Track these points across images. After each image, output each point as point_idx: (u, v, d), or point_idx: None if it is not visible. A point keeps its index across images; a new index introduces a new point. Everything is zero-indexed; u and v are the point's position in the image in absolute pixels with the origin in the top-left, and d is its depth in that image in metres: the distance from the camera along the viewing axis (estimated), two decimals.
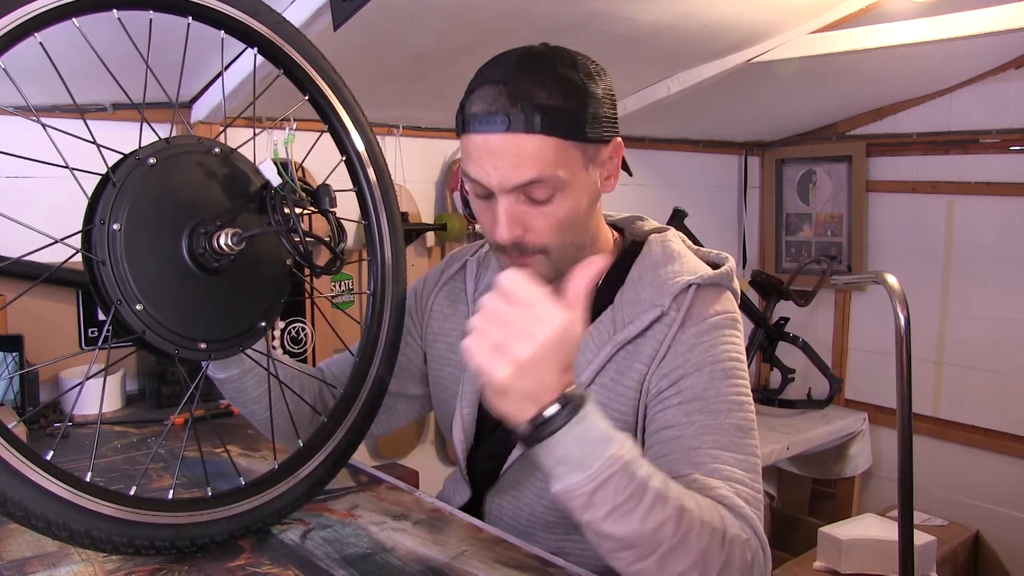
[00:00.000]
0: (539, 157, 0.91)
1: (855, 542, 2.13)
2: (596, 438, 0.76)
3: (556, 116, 0.91)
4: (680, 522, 0.78)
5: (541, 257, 0.98)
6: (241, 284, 0.96)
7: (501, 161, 0.91)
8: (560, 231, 0.97)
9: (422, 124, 2.35)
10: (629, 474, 0.76)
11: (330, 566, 0.93)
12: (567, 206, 0.95)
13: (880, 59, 2.31)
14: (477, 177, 0.94)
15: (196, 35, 0.93)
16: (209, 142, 0.96)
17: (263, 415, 1.08)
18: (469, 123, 0.93)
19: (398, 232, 1.14)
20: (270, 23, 1.00)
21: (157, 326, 0.87)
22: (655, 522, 0.77)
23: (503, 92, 0.91)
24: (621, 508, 0.76)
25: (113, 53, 0.95)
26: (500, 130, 0.90)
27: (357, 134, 1.10)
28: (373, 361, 1.10)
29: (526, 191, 0.93)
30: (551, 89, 0.91)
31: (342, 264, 1.04)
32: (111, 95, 1.79)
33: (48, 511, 0.77)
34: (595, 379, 1.02)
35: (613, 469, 0.75)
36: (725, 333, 0.99)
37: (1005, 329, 2.78)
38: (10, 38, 0.77)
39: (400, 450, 2.40)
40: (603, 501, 0.76)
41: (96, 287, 0.85)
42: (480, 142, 0.92)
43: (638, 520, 0.76)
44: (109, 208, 0.84)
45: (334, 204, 1.02)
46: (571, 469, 0.76)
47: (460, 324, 1.18)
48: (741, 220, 3.41)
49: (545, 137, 0.91)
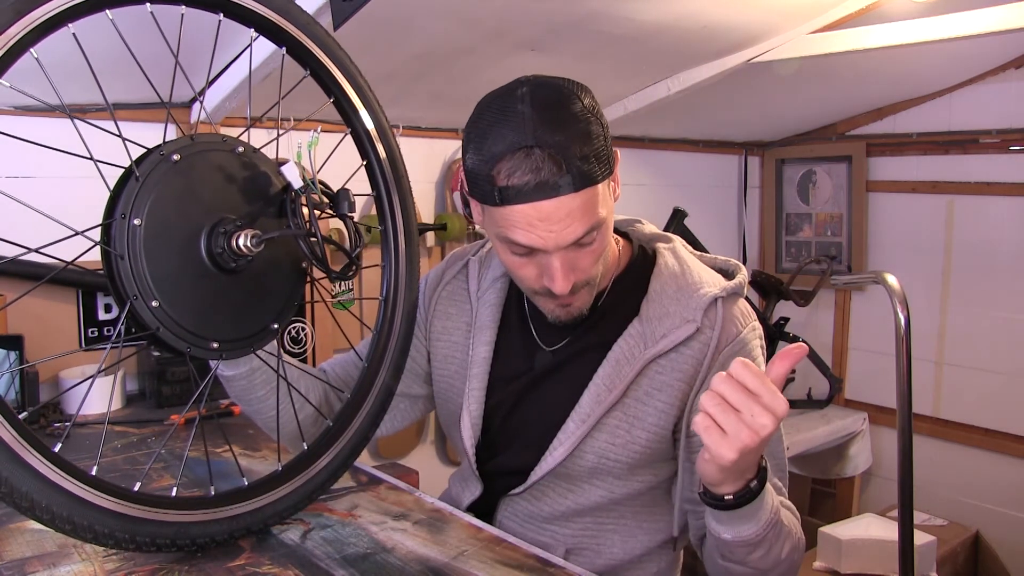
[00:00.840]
0: (588, 210, 0.93)
1: (855, 542, 2.13)
2: (766, 496, 0.92)
3: (592, 167, 0.92)
4: (787, 541, 0.97)
5: (585, 290, 1.02)
6: (256, 285, 0.96)
7: (554, 224, 0.92)
8: (600, 262, 1.01)
9: (422, 124, 2.35)
10: (776, 513, 0.94)
11: (330, 566, 0.93)
12: (606, 238, 0.99)
13: (880, 59, 2.31)
14: (529, 243, 0.94)
15: (206, 33, 0.92)
16: (233, 141, 0.95)
17: (268, 414, 1.09)
18: (512, 196, 0.91)
19: (414, 239, 1.14)
20: (300, 24, 1.00)
21: (172, 323, 0.87)
22: (787, 550, 0.97)
23: (543, 158, 0.89)
24: (774, 546, 0.95)
25: (115, 53, 0.94)
26: (550, 196, 0.90)
27: (379, 139, 1.09)
28: (382, 367, 1.09)
29: (578, 241, 0.95)
30: (581, 140, 0.91)
31: (358, 269, 1.04)
32: (111, 95, 1.78)
33: (54, 503, 0.77)
34: (627, 392, 1.05)
35: (773, 517, 0.93)
36: (754, 344, 1.08)
37: (1005, 329, 2.78)
38: (45, 27, 0.76)
39: (400, 450, 2.40)
40: (764, 543, 0.93)
41: (113, 281, 0.85)
42: (529, 211, 0.91)
43: (779, 551, 0.96)
44: (131, 202, 0.84)
45: (352, 209, 1.02)
46: (746, 522, 0.92)
47: (463, 323, 1.19)
48: (741, 220, 3.41)
49: (593, 188, 0.92)
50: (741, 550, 0.95)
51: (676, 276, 1.08)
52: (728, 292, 1.06)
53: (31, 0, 0.75)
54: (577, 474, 1.08)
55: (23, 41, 0.75)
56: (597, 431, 1.05)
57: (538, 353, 1.12)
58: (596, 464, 1.06)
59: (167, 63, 0.96)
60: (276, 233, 0.93)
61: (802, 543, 1.03)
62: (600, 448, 1.05)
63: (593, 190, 0.92)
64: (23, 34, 0.74)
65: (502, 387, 1.13)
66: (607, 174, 0.95)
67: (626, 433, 1.05)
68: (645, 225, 1.19)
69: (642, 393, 1.04)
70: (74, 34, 0.78)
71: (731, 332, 1.05)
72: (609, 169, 0.95)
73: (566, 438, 1.05)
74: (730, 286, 1.07)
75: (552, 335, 1.11)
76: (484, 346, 1.14)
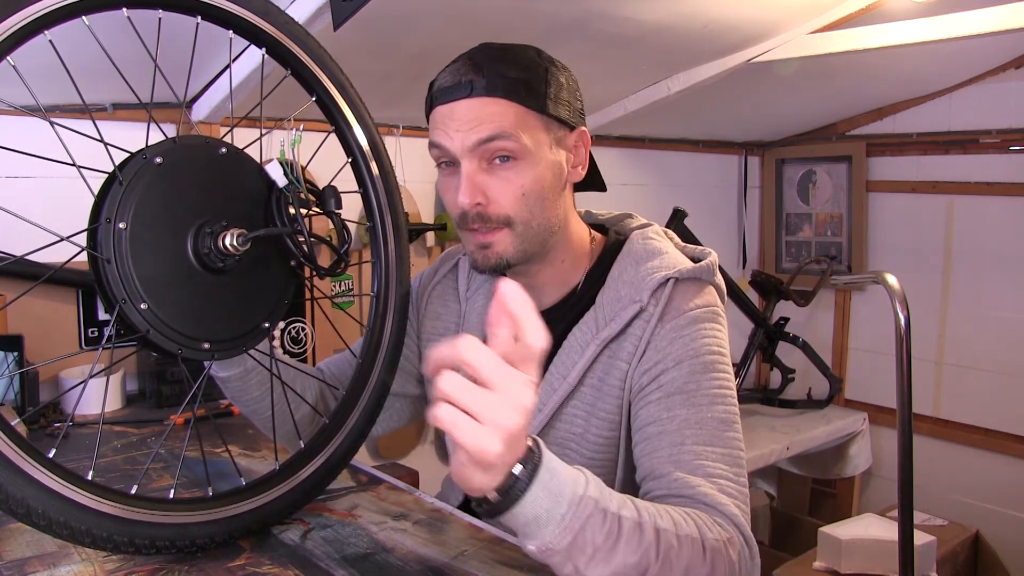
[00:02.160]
0: (500, 118, 0.95)
1: (855, 542, 2.13)
2: (560, 485, 0.70)
3: (518, 84, 0.95)
4: (659, 545, 0.75)
5: (506, 232, 0.99)
6: (245, 284, 0.96)
7: (463, 124, 0.95)
8: (523, 203, 0.98)
9: (422, 124, 2.35)
10: (602, 511, 0.72)
11: (330, 566, 0.93)
12: (530, 176, 0.97)
13: (880, 59, 2.31)
14: (440, 142, 0.98)
15: (194, 35, 0.93)
16: (216, 142, 0.96)
17: (265, 414, 1.08)
18: (436, 97, 0.98)
19: (402, 233, 1.14)
20: (279, 24, 1.00)
21: (161, 325, 0.87)
22: (637, 554, 0.73)
23: (467, 63, 0.97)
24: (603, 550, 0.71)
25: (112, 53, 0.94)
26: (464, 96, 0.95)
27: (363, 135, 1.10)
28: (376, 362, 1.09)
29: (486, 151, 0.96)
30: (514, 63, 0.96)
31: (346, 266, 1.04)
32: (111, 95, 1.79)
33: (50, 509, 0.77)
34: (582, 380, 1.02)
35: (587, 512, 0.70)
36: (706, 327, 0.98)
37: (1005, 329, 2.78)
38: (21, 35, 0.77)
39: (400, 450, 2.40)
40: (582, 549, 0.70)
41: (101, 285, 0.85)
42: (445, 111, 0.97)
43: (621, 556, 0.72)
44: (115, 207, 0.84)
45: (340, 206, 1.02)
46: (543, 525, 0.69)
47: (453, 323, 1.18)
48: (741, 220, 3.41)
49: (507, 102, 0.95)
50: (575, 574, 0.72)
51: (638, 261, 1.04)
52: (684, 274, 1.00)
53: (4, 7, 0.75)
54: None
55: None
56: (557, 420, 1.03)
57: None
58: (559, 456, 1.03)
59: (163, 65, 0.96)
60: (262, 231, 0.93)
61: (718, 543, 0.81)
62: (561, 438, 1.03)
63: (510, 105, 0.95)
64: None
65: None
66: (541, 110, 0.97)
67: (583, 422, 1.02)
68: (634, 219, 1.16)
69: (596, 380, 1.01)
70: (51, 41, 0.79)
71: (677, 309, 0.98)
72: (546, 110, 0.97)
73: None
74: (687, 268, 1.01)
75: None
76: None
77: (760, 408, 2.97)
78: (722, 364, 0.97)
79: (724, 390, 0.96)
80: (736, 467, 0.91)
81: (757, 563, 0.87)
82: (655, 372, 0.96)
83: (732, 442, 0.93)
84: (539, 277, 1.07)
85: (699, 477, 0.88)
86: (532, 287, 1.06)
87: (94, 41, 0.85)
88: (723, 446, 0.92)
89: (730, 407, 0.95)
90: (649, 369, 0.97)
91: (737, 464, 0.92)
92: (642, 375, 0.97)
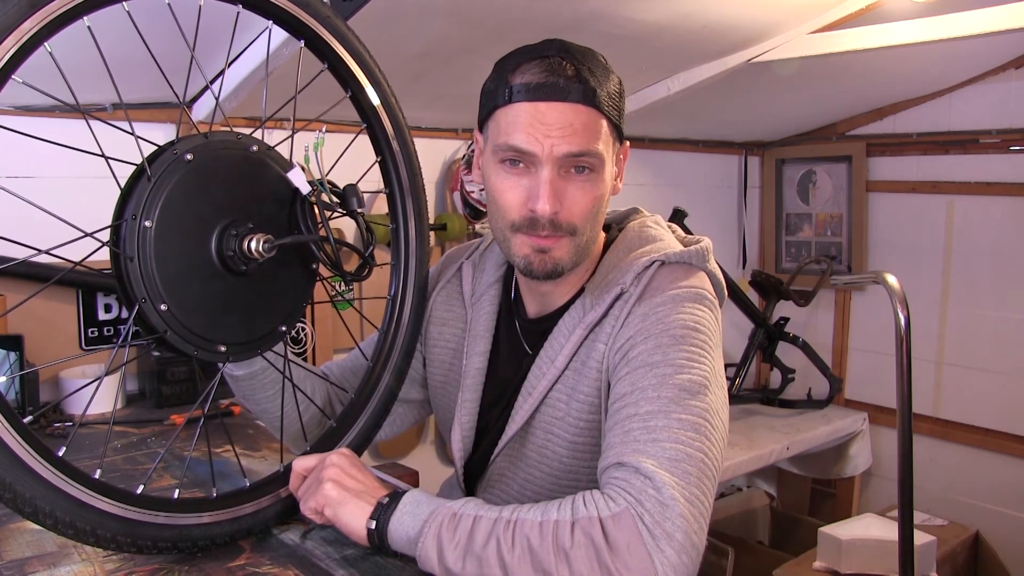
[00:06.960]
0: (591, 131, 0.92)
1: (855, 542, 2.13)
2: (426, 500, 0.88)
3: (607, 97, 0.94)
4: (514, 531, 0.81)
5: (567, 240, 0.97)
6: (265, 287, 0.95)
7: (553, 130, 0.91)
8: (590, 214, 0.97)
9: (422, 124, 2.35)
10: (458, 516, 0.84)
11: (330, 566, 0.93)
12: (599, 189, 0.96)
13: (880, 59, 2.31)
14: (523, 145, 0.92)
15: (210, 29, 0.92)
16: (248, 139, 0.94)
17: (274, 414, 1.08)
18: (519, 92, 0.92)
19: (425, 237, 1.13)
20: (320, 17, 0.99)
21: (180, 327, 0.86)
22: (493, 547, 0.80)
23: (560, 63, 0.92)
24: (463, 546, 0.82)
25: (117, 54, 0.94)
26: (558, 99, 0.91)
27: (395, 136, 1.08)
28: (387, 367, 1.09)
29: (571, 163, 0.93)
30: (602, 71, 0.95)
31: (371, 270, 1.02)
32: (111, 95, 1.78)
33: (57, 508, 0.77)
34: (568, 365, 1.01)
35: (443, 514, 0.85)
36: (685, 304, 0.94)
37: (1005, 329, 2.78)
38: (60, 21, 0.76)
39: (400, 450, 2.40)
40: (447, 543, 0.82)
41: (122, 283, 0.84)
42: (531, 110, 0.92)
43: (479, 547, 0.81)
44: (142, 203, 0.82)
45: (362, 205, 1.00)
46: (412, 540, 0.85)
47: (458, 329, 1.18)
48: (741, 220, 3.41)
49: (598, 113, 0.93)
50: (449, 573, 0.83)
51: (629, 248, 1.04)
52: (672, 259, 0.99)
53: None
54: (529, 456, 1.05)
55: (38, 35, 0.74)
56: (544, 405, 1.03)
57: (524, 359, 1.09)
58: (543, 443, 1.03)
59: (166, 61, 0.96)
60: (288, 240, 0.92)
61: (589, 519, 0.78)
62: (546, 422, 1.03)
63: (599, 118, 0.93)
64: (37, 28, 0.73)
65: (493, 395, 1.12)
66: (618, 123, 0.97)
67: (565, 405, 1.01)
68: (640, 213, 1.15)
69: (579, 363, 1.00)
70: (88, 27, 0.78)
71: (657, 289, 0.96)
72: (620, 123, 0.97)
73: (517, 413, 1.04)
74: (675, 252, 0.99)
75: (535, 337, 1.08)
76: (478, 356, 1.12)
77: (760, 408, 2.97)
78: (696, 339, 0.92)
79: (694, 362, 0.90)
80: (694, 432, 0.84)
81: (679, 512, 0.78)
82: (626, 349, 0.94)
83: (694, 409, 0.85)
84: (560, 283, 1.06)
85: (630, 449, 0.83)
86: (551, 292, 1.07)
87: (99, 36, 0.85)
88: (684, 412, 0.85)
89: (697, 376, 0.88)
90: (621, 347, 0.94)
91: (694, 429, 0.84)
92: (615, 354, 0.95)
